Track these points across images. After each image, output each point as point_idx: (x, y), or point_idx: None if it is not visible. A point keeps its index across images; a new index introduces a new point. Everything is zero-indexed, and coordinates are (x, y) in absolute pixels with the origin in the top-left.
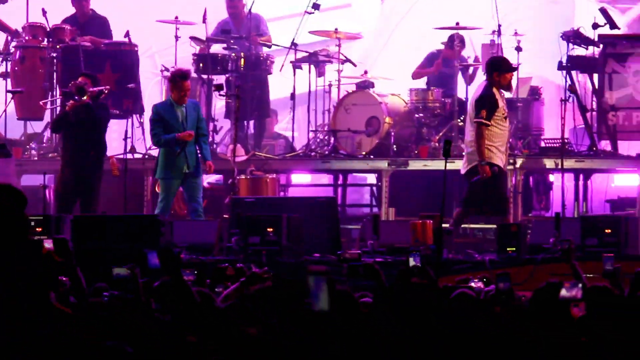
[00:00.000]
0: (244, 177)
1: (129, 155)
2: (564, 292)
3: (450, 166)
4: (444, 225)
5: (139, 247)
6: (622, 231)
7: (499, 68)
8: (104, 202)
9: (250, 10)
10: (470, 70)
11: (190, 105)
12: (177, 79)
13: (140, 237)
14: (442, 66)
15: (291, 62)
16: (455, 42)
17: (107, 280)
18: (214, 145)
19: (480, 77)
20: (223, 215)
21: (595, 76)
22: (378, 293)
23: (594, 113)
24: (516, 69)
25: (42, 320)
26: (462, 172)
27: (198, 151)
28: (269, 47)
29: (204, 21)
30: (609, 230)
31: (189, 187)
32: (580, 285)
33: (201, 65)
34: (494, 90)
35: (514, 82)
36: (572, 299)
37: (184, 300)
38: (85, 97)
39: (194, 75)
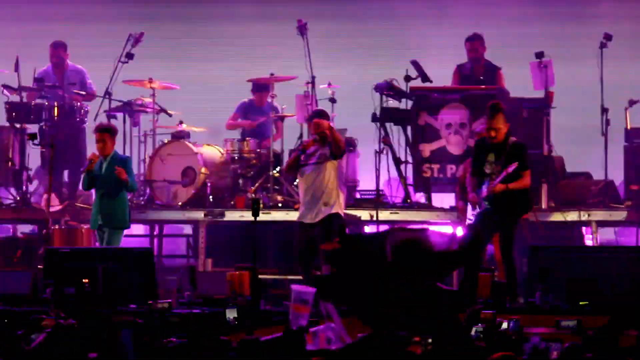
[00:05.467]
0: (58, 227)
1: None
2: None
3: (266, 217)
4: None
5: None
6: None
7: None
8: None
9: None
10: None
11: (115, 158)
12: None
13: None
14: (256, 119)
15: (105, 111)
16: (261, 86)
17: None
18: (29, 195)
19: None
20: (37, 265)
21: (409, 128)
22: None
23: (409, 165)
24: (311, 118)
25: None
26: None
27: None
28: (83, 96)
29: (16, 70)
30: None
31: (105, 239)
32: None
33: (14, 114)
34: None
35: None
36: None
37: None
38: None
39: (6, 124)
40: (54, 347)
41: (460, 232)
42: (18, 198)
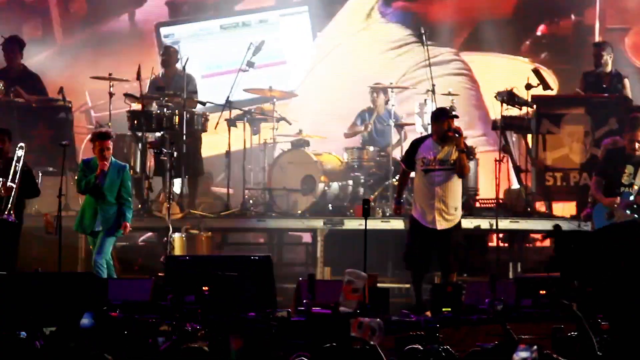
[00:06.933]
0: (179, 235)
1: (63, 213)
2: (521, 355)
3: (385, 226)
4: None
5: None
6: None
7: (433, 118)
8: (38, 259)
9: (184, 68)
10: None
11: (114, 165)
12: (93, 138)
13: (74, 295)
14: (373, 124)
15: (226, 119)
16: (379, 91)
17: None
18: (149, 203)
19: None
20: (158, 273)
21: (530, 136)
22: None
23: (529, 173)
24: (444, 117)
25: None
26: None
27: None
28: (204, 104)
29: (138, 78)
30: (544, 291)
31: (99, 241)
32: (535, 347)
33: (135, 122)
34: (430, 140)
35: None
36: None
37: None
38: None
39: (128, 132)
40: (179, 353)
41: None
42: (139, 206)
